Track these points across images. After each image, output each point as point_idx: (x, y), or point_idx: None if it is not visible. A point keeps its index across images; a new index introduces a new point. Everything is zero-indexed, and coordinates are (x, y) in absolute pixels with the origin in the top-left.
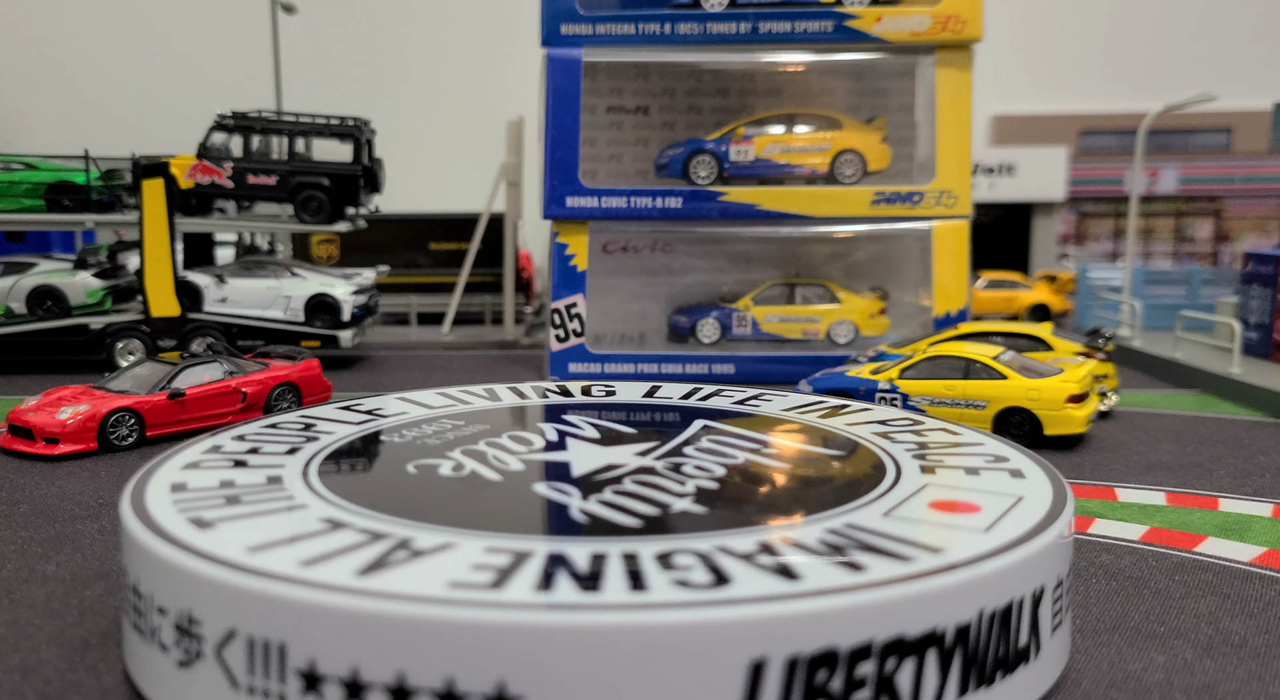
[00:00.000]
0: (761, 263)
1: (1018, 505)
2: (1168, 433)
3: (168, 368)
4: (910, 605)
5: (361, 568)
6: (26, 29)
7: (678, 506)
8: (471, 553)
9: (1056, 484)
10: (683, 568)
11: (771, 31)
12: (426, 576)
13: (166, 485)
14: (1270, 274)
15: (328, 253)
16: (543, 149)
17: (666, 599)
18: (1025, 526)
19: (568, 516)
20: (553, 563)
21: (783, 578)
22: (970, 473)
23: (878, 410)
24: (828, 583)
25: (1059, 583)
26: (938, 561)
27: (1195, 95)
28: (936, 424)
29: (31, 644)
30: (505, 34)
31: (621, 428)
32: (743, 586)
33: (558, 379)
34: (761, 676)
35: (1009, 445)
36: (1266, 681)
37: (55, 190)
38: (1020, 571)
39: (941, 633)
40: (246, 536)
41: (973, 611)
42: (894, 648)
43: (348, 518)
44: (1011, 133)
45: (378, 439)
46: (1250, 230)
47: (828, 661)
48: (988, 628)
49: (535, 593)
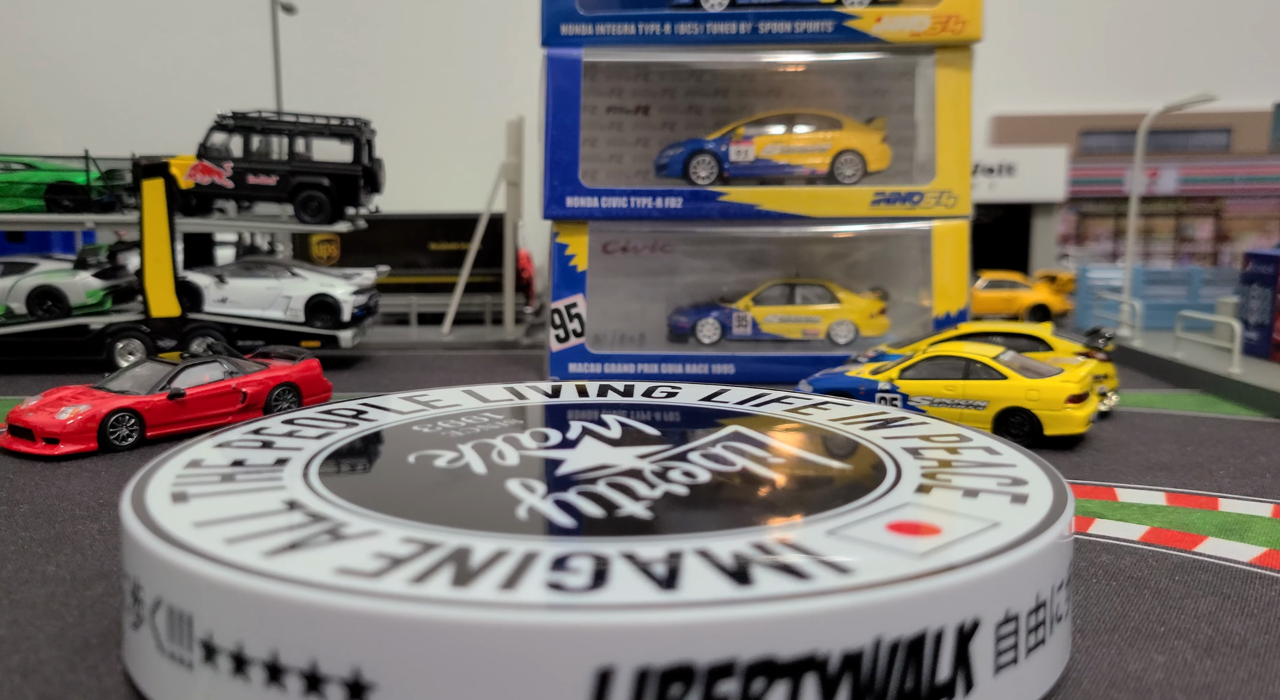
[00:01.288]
0: (761, 263)
1: (987, 530)
2: (1168, 433)
3: (168, 368)
4: (783, 625)
5: (272, 549)
6: (26, 29)
7: (626, 510)
8: (387, 542)
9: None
10: (571, 570)
11: (771, 31)
12: (324, 562)
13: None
14: (1270, 274)
15: (328, 253)
16: (543, 149)
17: (522, 600)
18: (971, 553)
19: (510, 513)
20: (450, 556)
21: (659, 587)
22: (968, 495)
23: (938, 425)
24: (697, 596)
25: (1009, 617)
26: (836, 582)
27: (1195, 95)
28: (977, 442)
29: (32, 644)
30: (505, 34)
31: (648, 429)
32: (611, 593)
33: (592, 380)
34: (608, 686)
35: (1030, 461)
36: (1267, 681)
37: (55, 190)
38: (938, 600)
39: (823, 658)
40: (201, 513)
41: (866, 638)
42: (762, 669)
43: (310, 501)
44: (1011, 133)
45: (408, 429)
46: (1250, 230)
47: (682, 676)
48: (888, 658)
49: (408, 584)
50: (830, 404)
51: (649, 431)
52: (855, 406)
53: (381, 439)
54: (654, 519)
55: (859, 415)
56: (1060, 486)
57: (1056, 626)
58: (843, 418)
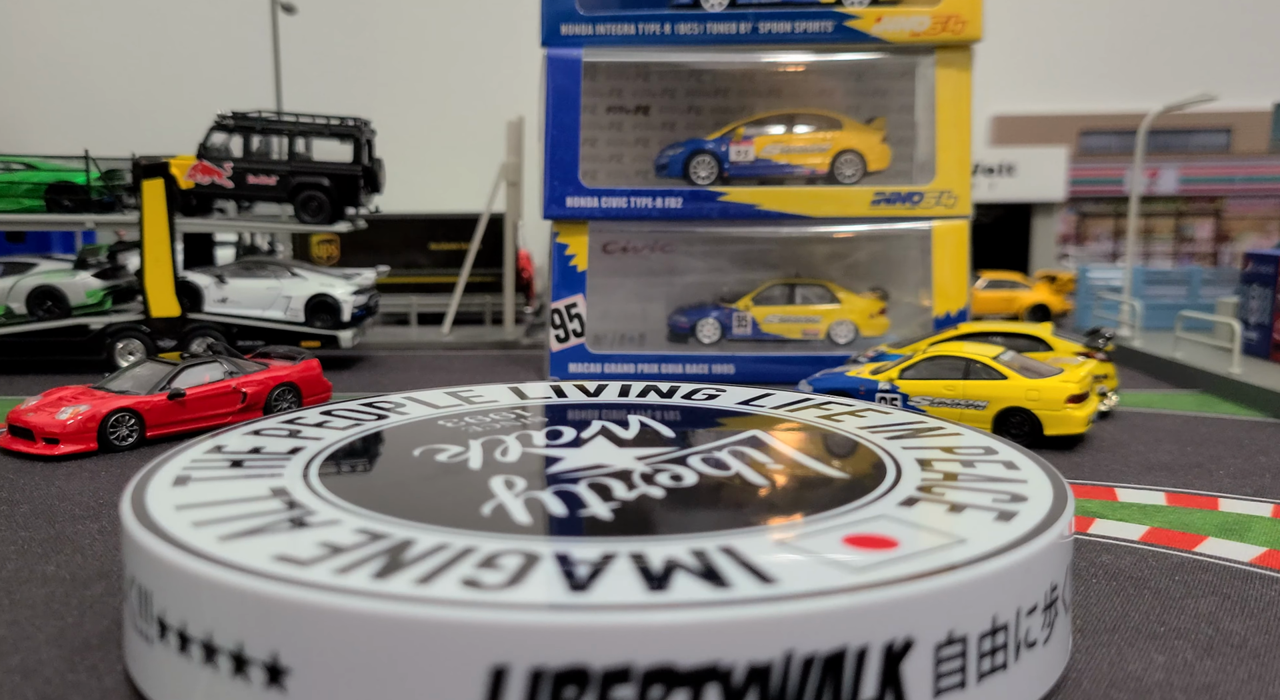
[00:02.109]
0: (761, 263)
1: (949, 547)
2: (1168, 433)
3: (168, 368)
4: (683, 633)
5: (229, 534)
6: (26, 29)
7: (590, 511)
8: (341, 532)
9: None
10: (497, 568)
11: (771, 31)
12: (270, 548)
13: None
14: (1270, 274)
15: (328, 253)
16: (543, 149)
17: (427, 595)
18: (909, 570)
19: (473, 509)
20: (389, 549)
21: (571, 589)
22: (954, 510)
23: (972, 436)
24: (602, 599)
25: (952, 639)
26: (751, 592)
27: (1195, 95)
28: (1000, 456)
29: (32, 644)
30: (505, 34)
31: (666, 431)
32: (520, 592)
33: (628, 381)
34: (503, 684)
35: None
36: (1266, 681)
37: (55, 190)
38: (860, 616)
39: (727, 668)
40: (189, 496)
41: (776, 651)
42: (660, 676)
43: (293, 491)
44: (1011, 133)
45: (432, 424)
46: (1250, 230)
47: (577, 679)
48: (800, 672)
49: (332, 574)
50: (869, 412)
51: (665, 433)
52: (894, 414)
53: (397, 432)
54: (613, 520)
55: (892, 424)
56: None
57: (1026, 651)
58: (873, 426)
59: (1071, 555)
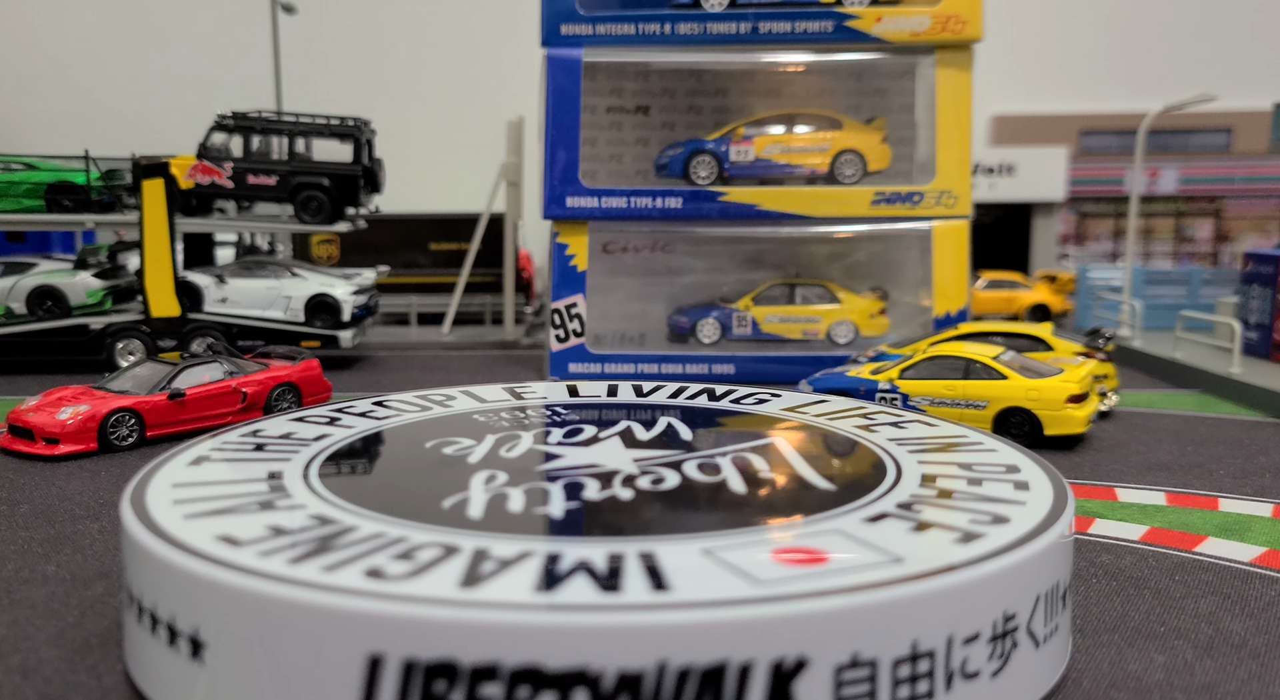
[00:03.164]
0: (761, 263)
1: (881, 566)
2: (1168, 433)
3: (168, 368)
4: (549, 636)
5: (193, 514)
6: (26, 29)
7: (544, 509)
8: (295, 517)
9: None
10: (409, 559)
11: (771, 31)
12: (219, 529)
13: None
14: (1270, 274)
15: (328, 253)
16: (543, 149)
17: (325, 582)
18: (820, 587)
19: (435, 502)
20: (325, 536)
21: (462, 585)
22: (919, 528)
23: (1008, 453)
24: (485, 597)
25: (857, 661)
26: (635, 600)
27: (1195, 95)
28: (1020, 476)
29: (32, 644)
30: (505, 34)
31: (685, 433)
32: (412, 585)
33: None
34: (378, 673)
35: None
36: (1266, 681)
37: (55, 190)
38: (740, 631)
39: (595, 674)
40: (189, 476)
41: (648, 661)
42: (527, 676)
43: (284, 476)
44: (1011, 133)
45: (468, 418)
46: (1250, 230)
47: (446, 673)
48: (675, 684)
49: (254, 557)
50: (913, 423)
51: (684, 436)
52: (941, 426)
53: (428, 425)
54: (562, 520)
55: (926, 437)
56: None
57: (964, 682)
58: (907, 437)
59: (1053, 582)
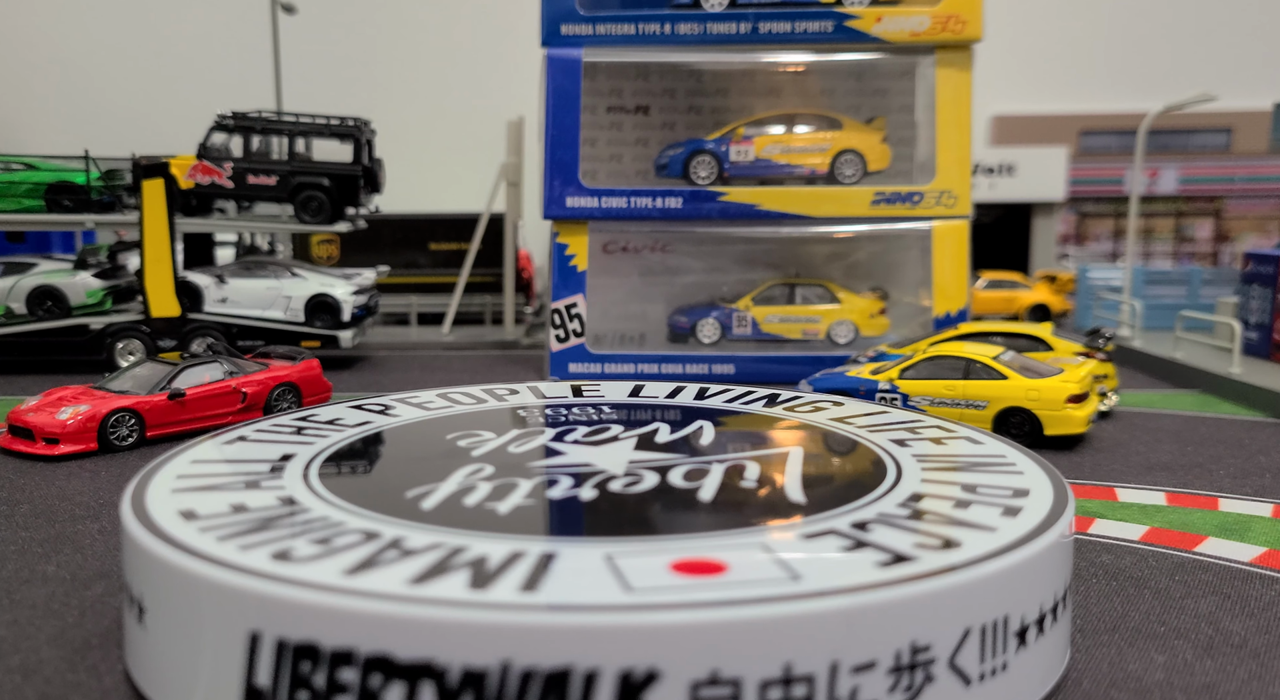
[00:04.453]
0: (761, 263)
1: (779, 583)
2: (1168, 433)
3: (168, 368)
4: (399, 627)
5: (180, 489)
6: (26, 29)
7: (494, 505)
8: (265, 497)
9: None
10: (325, 544)
11: (771, 31)
12: (184, 505)
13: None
14: (1270, 274)
15: (328, 253)
16: (543, 149)
17: (227, 558)
18: (684, 599)
19: (401, 492)
20: (270, 518)
21: (345, 572)
22: (852, 547)
23: (1028, 477)
24: (358, 585)
25: (718, 679)
26: (492, 598)
27: (1195, 95)
28: (1024, 504)
29: (32, 644)
30: (505, 34)
31: (709, 437)
32: (304, 569)
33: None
34: (258, 649)
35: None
36: (1267, 682)
37: (55, 190)
38: (589, 640)
39: (441, 668)
40: (212, 454)
41: (491, 659)
42: (379, 665)
43: (295, 458)
44: (1011, 133)
45: (510, 412)
46: (1250, 230)
47: (310, 655)
48: (518, 685)
49: (196, 532)
50: (954, 438)
51: (703, 440)
52: (989, 442)
53: (467, 417)
54: (506, 516)
55: (953, 455)
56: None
57: None
58: (925, 454)
59: (996, 615)
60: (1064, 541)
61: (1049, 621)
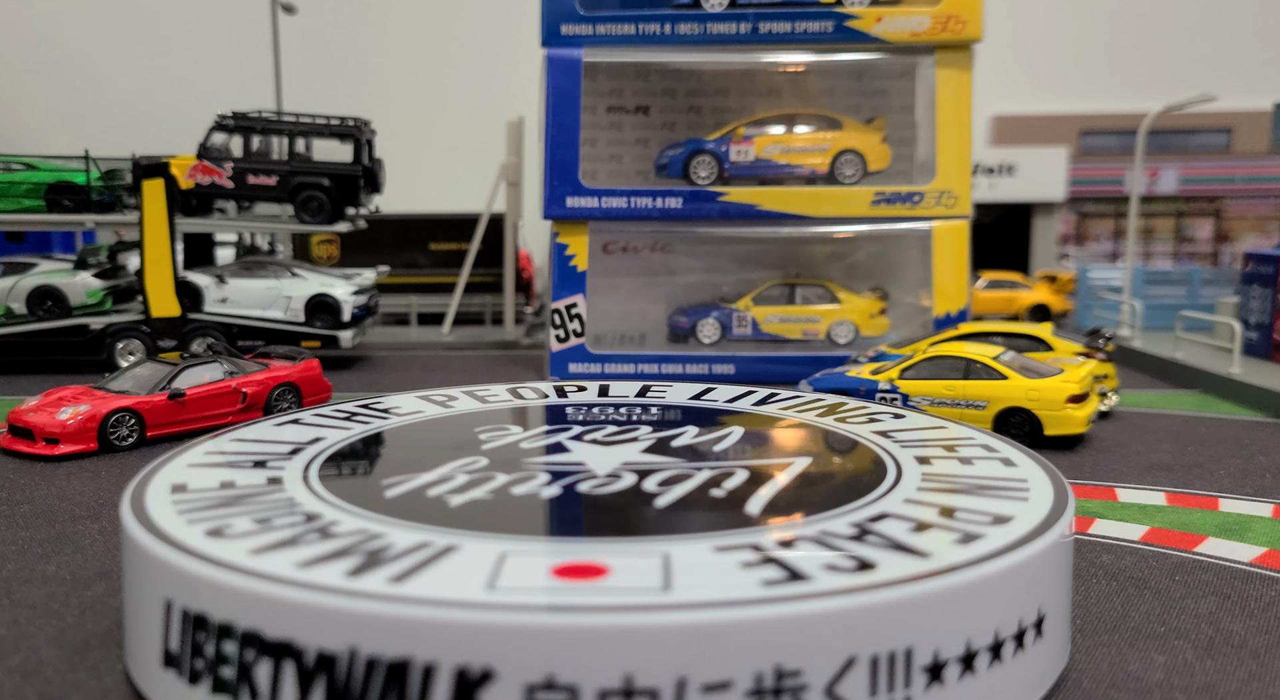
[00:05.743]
0: (761, 263)
1: (648, 593)
2: (1168, 433)
3: (168, 368)
4: (268, 607)
5: (197, 464)
6: (26, 29)
7: (452, 500)
8: (252, 476)
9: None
10: (263, 524)
11: (771, 31)
12: (177, 479)
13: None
14: (1270, 274)
15: (328, 253)
16: (543, 149)
17: (172, 535)
18: (525, 601)
19: (378, 482)
20: (242, 495)
21: (254, 553)
22: (758, 564)
23: (1031, 508)
24: (253, 565)
25: (554, 684)
26: (357, 587)
27: (1195, 95)
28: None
29: (32, 644)
30: (505, 34)
31: (725, 444)
32: (223, 548)
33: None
34: (171, 614)
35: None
36: (1267, 682)
37: (55, 190)
38: (426, 634)
39: (300, 648)
40: (245, 434)
41: (340, 644)
42: (252, 641)
43: (318, 440)
44: (1011, 133)
45: (560, 409)
46: (1250, 230)
47: (202, 625)
48: (364, 671)
49: (167, 506)
50: (979, 461)
51: (718, 447)
52: (986, 465)
53: (513, 412)
54: (452, 510)
55: (957, 475)
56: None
57: None
58: (938, 473)
59: (896, 646)
60: (1005, 572)
61: (984, 660)
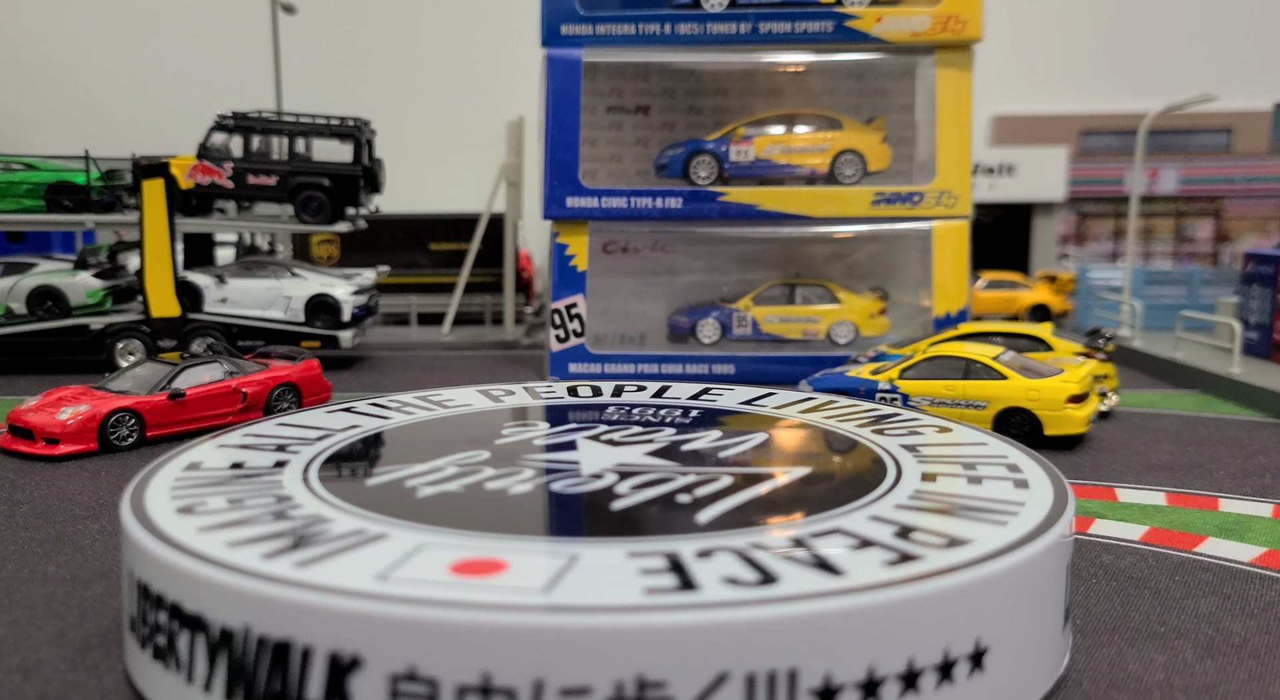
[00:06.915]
0: (761, 263)
1: (523, 592)
2: (1168, 433)
3: (168, 368)
4: (188, 583)
5: (223, 444)
6: (26, 29)
7: (421, 493)
8: (258, 456)
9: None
10: (238, 507)
11: (771, 31)
12: (192, 459)
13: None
14: (1270, 274)
15: (328, 253)
16: (543, 149)
17: (151, 517)
18: (395, 592)
19: (366, 475)
20: (230, 477)
21: (201, 531)
22: (669, 579)
23: (1023, 518)
24: (196, 547)
25: (415, 675)
26: (266, 570)
27: (1195, 95)
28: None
29: (32, 644)
30: (505, 34)
31: (736, 450)
32: (195, 537)
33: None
34: (147, 594)
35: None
36: (1267, 682)
37: (55, 190)
38: (304, 618)
39: (207, 623)
40: (298, 419)
41: (236, 622)
42: (175, 612)
43: (352, 428)
44: (1011, 133)
45: (597, 408)
46: (1250, 230)
47: (146, 594)
48: (255, 648)
49: (162, 485)
50: (994, 479)
51: (724, 452)
52: (990, 484)
53: (546, 410)
54: (417, 504)
55: (958, 493)
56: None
57: None
58: (941, 491)
59: (821, 670)
60: (920, 597)
61: (892, 690)
